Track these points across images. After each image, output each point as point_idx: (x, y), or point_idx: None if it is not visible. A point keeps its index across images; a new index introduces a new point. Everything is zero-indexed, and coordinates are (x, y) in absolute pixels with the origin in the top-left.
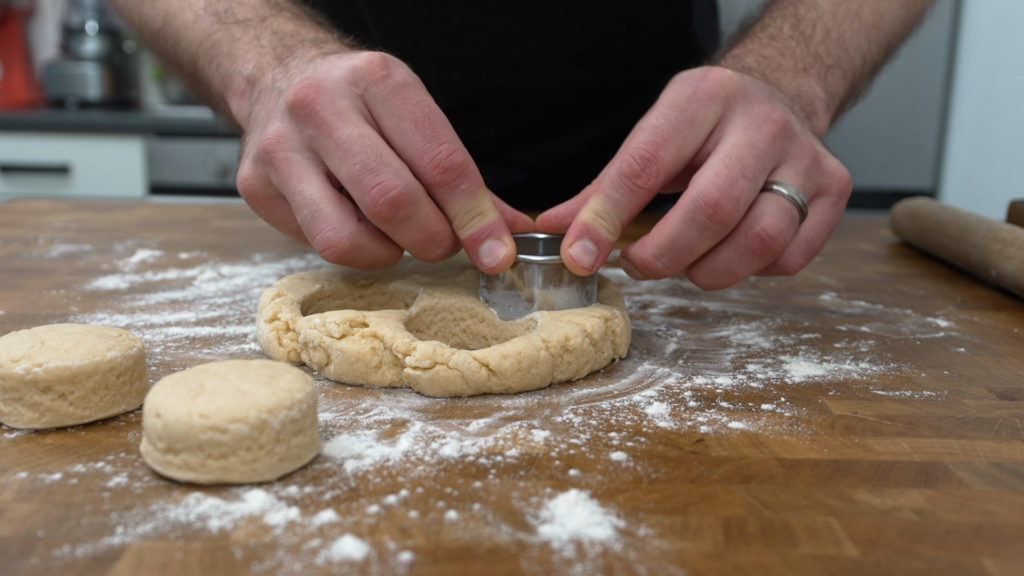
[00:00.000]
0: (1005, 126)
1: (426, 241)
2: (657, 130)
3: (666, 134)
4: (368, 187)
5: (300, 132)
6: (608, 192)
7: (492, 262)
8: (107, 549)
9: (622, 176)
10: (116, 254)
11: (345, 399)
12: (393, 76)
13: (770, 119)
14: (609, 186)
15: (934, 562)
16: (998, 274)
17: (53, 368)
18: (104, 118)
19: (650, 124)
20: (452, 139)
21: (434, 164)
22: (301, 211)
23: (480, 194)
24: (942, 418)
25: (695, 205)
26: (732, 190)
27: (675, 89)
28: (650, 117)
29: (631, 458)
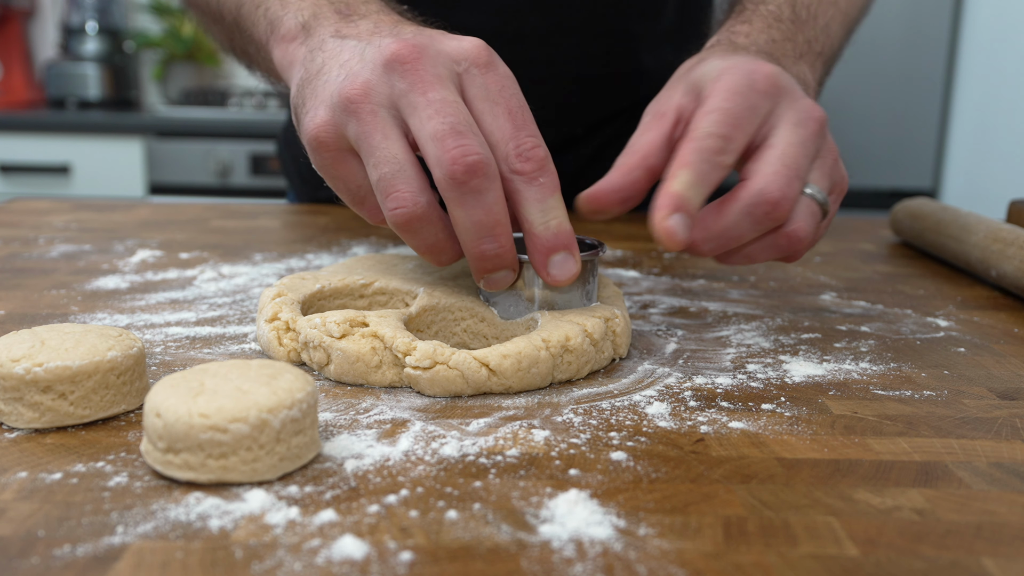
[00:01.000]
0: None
1: (487, 226)
2: (729, 113)
3: (737, 118)
4: (451, 146)
5: (391, 86)
6: (698, 167)
7: (562, 276)
8: (107, 549)
9: (708, 152)
10: (116, 254)
11: (345, 399)
12: (496, 67)
13: (812, 117)
14: (697, 160)
15: (934, 562)
16: (998, 274)
17: (53, 368)
18: (104, 118)
19: (719, 107)
20: (539, 135)
21: (519, 151)
22: (381, 167)
23: (558, 195)
24: (942, 418)
25: (756, 201)
26: (790, 191)
27: (729, 79)
28: (713, 101)
29: (631, 458)
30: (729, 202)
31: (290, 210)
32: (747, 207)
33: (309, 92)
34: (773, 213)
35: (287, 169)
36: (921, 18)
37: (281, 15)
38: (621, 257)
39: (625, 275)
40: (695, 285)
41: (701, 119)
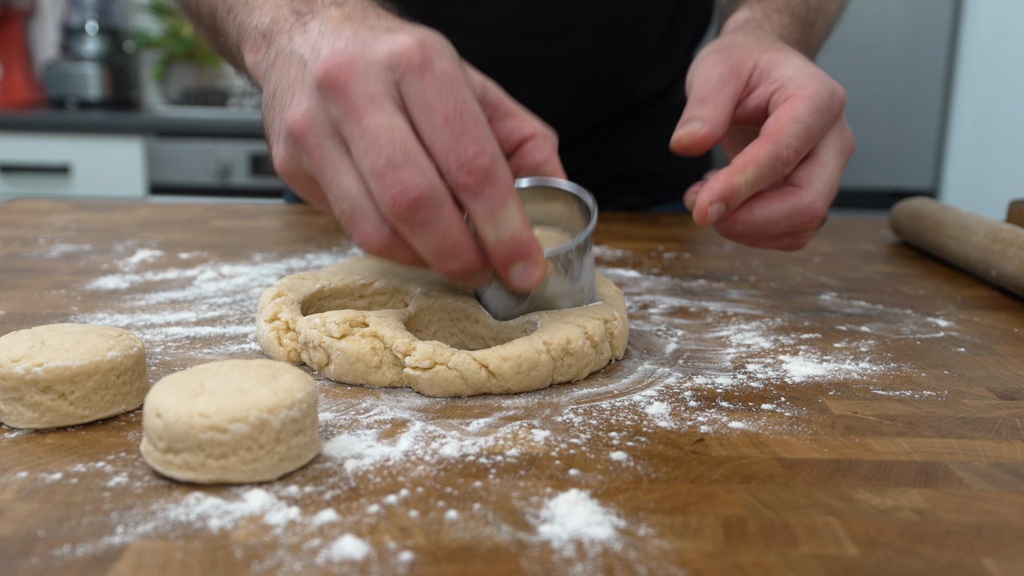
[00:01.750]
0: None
1: (445, 250)
2: (810, 129)
3: (812, 135)
4: (390, 184)
5: (328, 113)
6: (765, 169)
7: (525, 285)
8: (107, 549)
9: (781, 161)
10: (116, 254)
11: (345, 399)
12: (432, 66)
13: (850, 146)
14: (768, 163)
15: (934, 562)
16: (998, 274)
17: (53, 368)
18: (104, 118)
19: (804, 120)
20: (483, 139)
21: (458, 163)
22: (339, 204)
23: (509, 205)
24: (942, 418)
25: (803, 211)
26: (826, 209)
27: (815, 91)
28: (799, 110)
29: (631, 458)
30: (778, 201)
31: (290, 210)
32: (793, 212)
33: (268, 122)
34: (809, 225)
35: None
36: (921, 18)
37: (246, 21)
38: (621, 257)
39: (625, 275)
40: (695, 285)
41: (786, 124)
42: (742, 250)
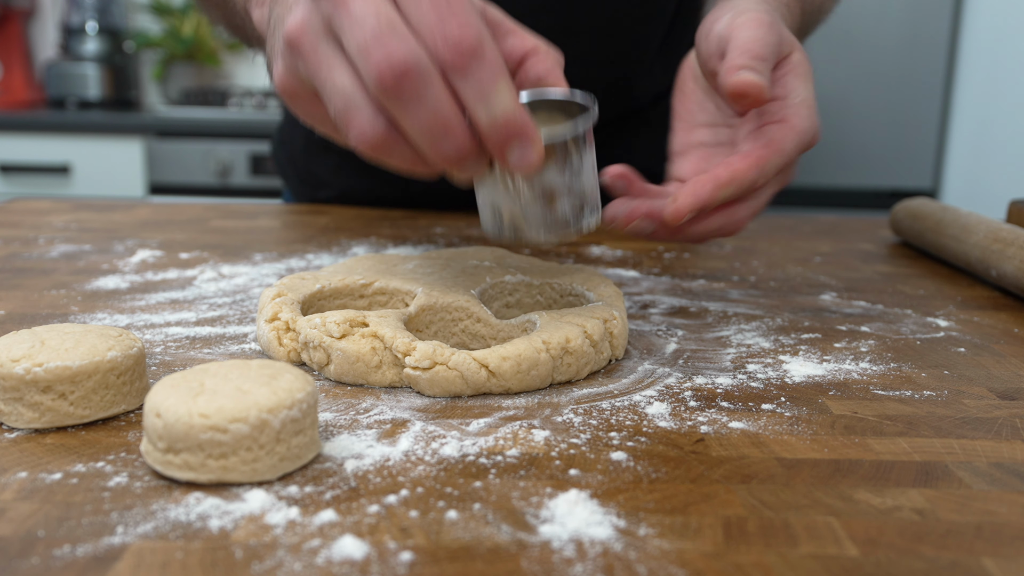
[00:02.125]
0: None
1: (436, 129)
2: (786, 163)
3: (783, 168)
4: (375, 59)
5: (320, 13)
6: (740, 190)
7: (523, 166)
8: (107, 549)
9: (754, 187)
10: (116, 254)
11: (345, 399)
12: None
13: (788, 181)
14: (745, 186)
15: (934, 562)
16: (998, 274)
17: (53, 368)
18: (104, 118)
19: (787, 153)
20: (469, 18)
21: (444, 41)
22: (333, 101)
23: (500, 83)
24: (942, 418)
25: (733, 224)
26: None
27: (806, 130)
28: (790, 143)
29: (631, 458)
30: (718, 216)
31: (290, 210)
32: (725, 226)
33: (269, 47)
34: (730, 233)
35: (283, 170)
36: (921, 18)
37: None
38: (621, 257)
39: (625, 275)
40: (695, 285)
41: (774, 153)
42: (742, 250)
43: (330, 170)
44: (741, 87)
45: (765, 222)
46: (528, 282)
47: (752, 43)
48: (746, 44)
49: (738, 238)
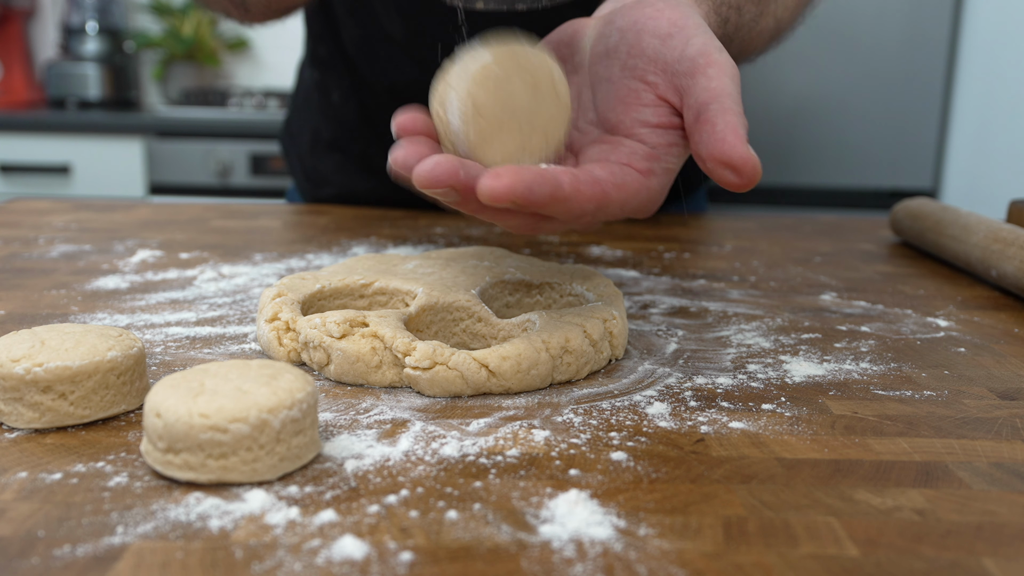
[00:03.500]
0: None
1: None
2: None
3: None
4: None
5: None
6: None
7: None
8: (107, 549)
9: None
10: (116, 254)
11: (345, 399)
12: None
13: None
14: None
15: (934, 562)
16: (998, 274)
17: (53, 368)
18: (104, 118)
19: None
20: None
21: None
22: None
23: None
24: (942, 418)
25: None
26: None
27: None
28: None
29: (631, 458)
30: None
31: (290, 210)
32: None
33: None
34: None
35: (291, 165)
36: (921, 18)
37: None
38: (621, 257)
39: (625, 275)
40: (695, 285)
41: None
42: (742, 250)
43: (333, 169)
44: (743, 163)
45: (765, 222)
46: (528, 282)
47: (728, 96)
48: (722, 93)
49: (738, 238)
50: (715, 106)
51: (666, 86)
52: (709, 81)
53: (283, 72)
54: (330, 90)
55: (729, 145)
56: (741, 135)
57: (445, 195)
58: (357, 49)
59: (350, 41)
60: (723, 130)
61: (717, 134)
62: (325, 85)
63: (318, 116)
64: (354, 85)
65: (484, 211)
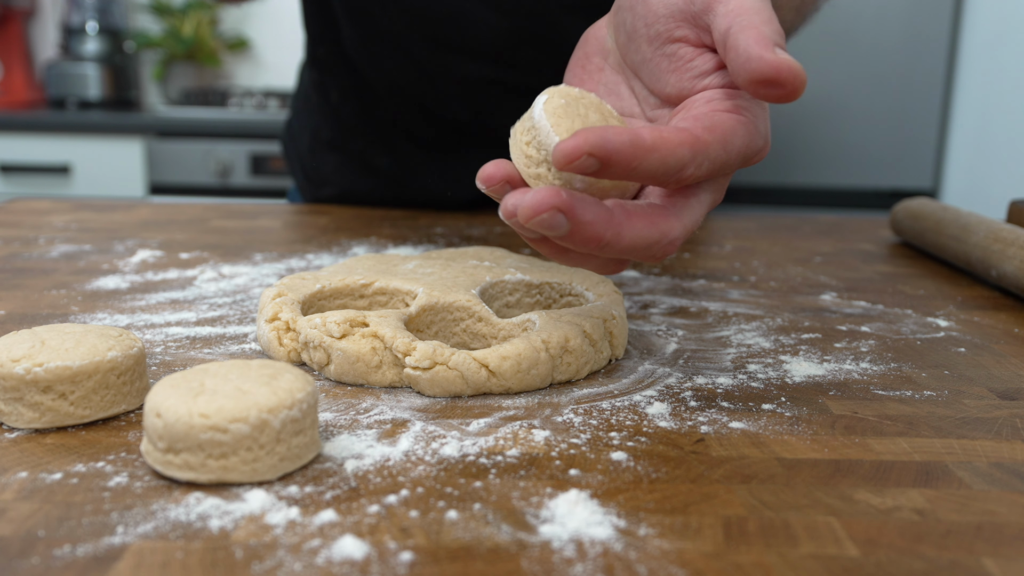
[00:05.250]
0: (1005, 126)
1: None
2: (725, 164)
3: (724, 170)
4: None
5: None
6: (663, 166)
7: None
8: (107, 549)
9: (678, 171)
10: (116, 254)
11: (345, 399)
12: None
13: (718, 201)
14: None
15: (934, 562)
16: (998, 274)
17: (54, 368)
18: (104, 118)
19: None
20: None
21: None
22: None
23: None
24: (942, 418)
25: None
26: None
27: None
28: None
29: (631, 458)
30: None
31: (290, 210)
32: (658, 243)
33: None
34: (660, 255)
35: (292, 165)
36: (921, 18)
37: None
38: None
39: (625, 275)
40: (695, 285)
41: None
42: (742, 250)
43: (332, 169)
44: (776, 72)
45: (765, 222)
46: (528, 282)
47: (748, 11)
48: (740, 11)
49: (738, 238)
50: (735, 27)
51: (695, 33)
52: (726, 5)
53: (283, 72)
54: (329, 90)
55: (756, 60)
56: (769, 43)
57: (552, 225)
58: (356, 49)
59: (349, 41)
60: (747, 47)
61: (741, 55)
62: (324, 85)
63: (317, 116)
64: (353, 85)
65: (587, 243)
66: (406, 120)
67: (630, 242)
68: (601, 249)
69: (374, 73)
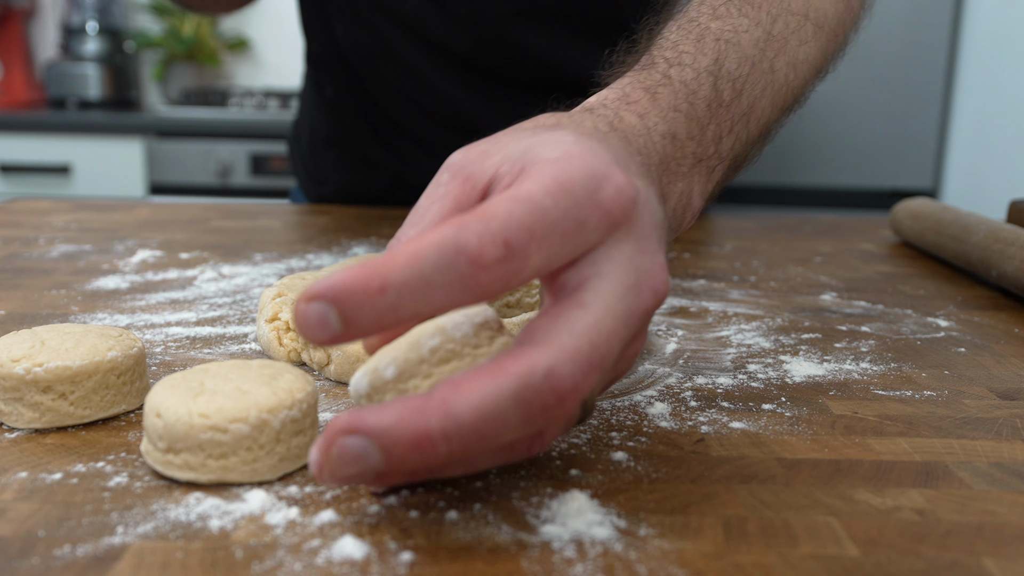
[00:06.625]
0: (1005, 126)
1: None
2: (541, 212)
3: (544, 223)
4: None
5: None
6: (420, 267)
7: None
8: (107, 549)
9: (457, 252)
10: (116, 254)
11: (345, 399)
12: None
13: (653, 286)
14: (429, 257)
15: (934, 562)
16: (998, 274)
17: (54, 368)
18: (104, 118)
19: (530, 197)
20: None
21: None
22: None
23: None
24: (942, 418)
25: (533, 387)
26: (585, 382)
27: (565, 166)
28: (529, 184)
29: (632, 458)
30: (492, 376)
31: (290, 210)
32: (521, 391)
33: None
34: (552, 411)
35: (295, 165)
36: (921, 18)
37: None
38: None
39: None
40: (695, 285)
41: (497, 203)
42: (742, 250)
43: (331, 165)
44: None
45: (765, 222)
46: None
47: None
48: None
49: (738, 238)
50: None
51: None
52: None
53: (283, 72)
54: (324, 86)
55: None
56: None
57: (355, 456)
58: (349, 45)
59: (342, 37)
60: None
61: None
62: (320, 81)
63: (316, 113)
64: (348, 82)
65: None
66: (401, 117)
67: (476, 410)
68: (438, 449)
69: (367, 70)
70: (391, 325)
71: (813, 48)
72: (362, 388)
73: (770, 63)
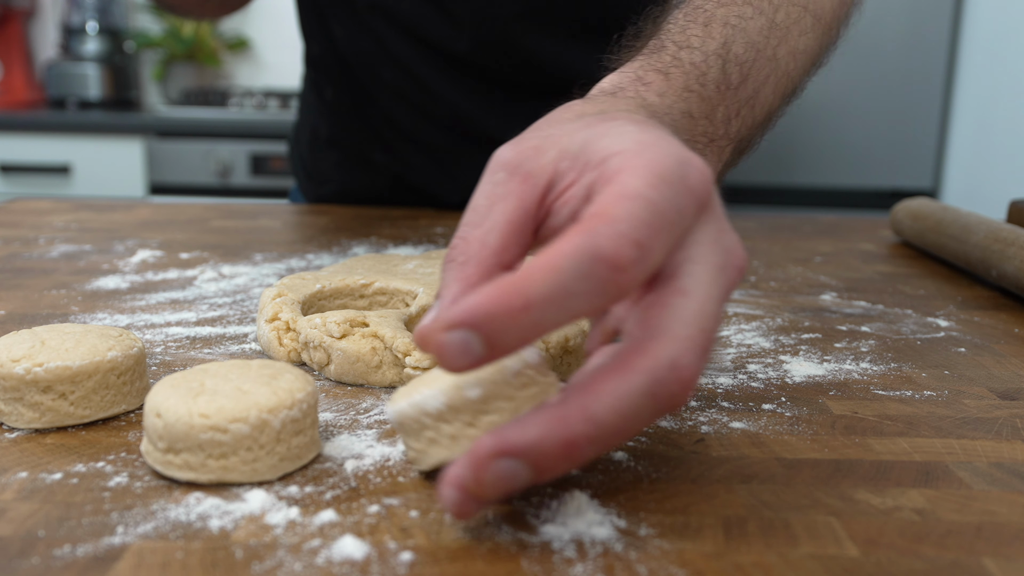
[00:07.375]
0: (1005, 126)
1: None
2: (653, 207)
3: (658, 217)
4: None
5: None
6: (566, 278)
7: None
8: (107, 549)
9: (596, 259)
10: (116, 254)
11: (345, 399)
12: None
13: (736, 264)
14: (570, 268)
15: (934, 562)
16: (998, 274)
17: (54, 368)
18: (104, 118)
19: (640, 193)
20: None
21: None
22: None
23: None
24: (942, 418)
25: (662, 380)
26: (702, 367)
27: (654, 156)
28: (634, 182)
29: (632, 458)
30: (621, 374)
31: (290, 210)
32: (652, 385)
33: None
34: (678, 398)
35: (295, 166)
36: (921, 18)
37: None
38: None
39: None
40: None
41: (612, 204)
42: None
43: (331, 166)
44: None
45: (765, 222)
46: None
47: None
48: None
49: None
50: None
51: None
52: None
53: (283, 72)
54: (324, 88)
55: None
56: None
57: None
58: (347, 47)
59: (340, 40)
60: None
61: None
62: (319, 83)
63: (315, 114)
64: (347, 83)
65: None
66: (400, 118)
67: (614, 410)
68: (585, 454)
69: (365, 72)
70: (532, 340)
71: (812, 39)
72: (434, 406)
73: (773, 51)
